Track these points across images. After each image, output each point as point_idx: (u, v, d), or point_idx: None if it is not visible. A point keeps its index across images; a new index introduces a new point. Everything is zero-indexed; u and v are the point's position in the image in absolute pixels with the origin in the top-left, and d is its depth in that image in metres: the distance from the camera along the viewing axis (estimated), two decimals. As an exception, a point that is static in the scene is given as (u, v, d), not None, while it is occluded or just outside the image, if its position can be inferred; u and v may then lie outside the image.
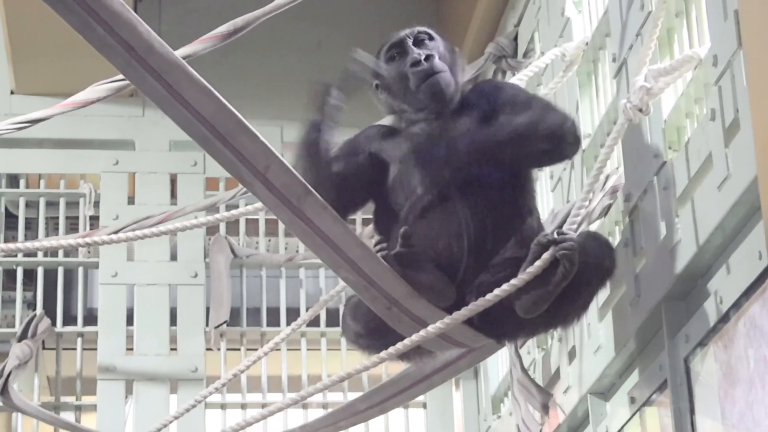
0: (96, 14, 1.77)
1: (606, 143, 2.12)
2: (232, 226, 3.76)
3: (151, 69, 1.82)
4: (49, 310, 3.44)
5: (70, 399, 3.62)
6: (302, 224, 1.94)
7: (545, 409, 2.44)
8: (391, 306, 2.02)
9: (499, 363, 3.46)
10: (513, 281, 1.97)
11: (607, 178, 2.49)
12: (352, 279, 1.99)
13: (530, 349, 2.99)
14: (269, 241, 3.93)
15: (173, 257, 3.69)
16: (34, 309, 3.58)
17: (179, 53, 2.37)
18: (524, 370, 2.51)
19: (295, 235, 1.98)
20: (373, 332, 2.11)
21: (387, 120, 2.21)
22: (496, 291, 1.97)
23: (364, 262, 1.99)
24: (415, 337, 1.98)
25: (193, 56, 2.38)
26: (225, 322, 3.55)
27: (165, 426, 2.72)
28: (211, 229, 3.63)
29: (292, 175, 1.93)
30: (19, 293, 3.71)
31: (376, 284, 2.01)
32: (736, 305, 2.01)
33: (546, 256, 1.97)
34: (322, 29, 3.99)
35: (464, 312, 1.98)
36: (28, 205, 3.80)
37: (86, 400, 3.62)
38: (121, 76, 2.33)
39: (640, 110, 2.08)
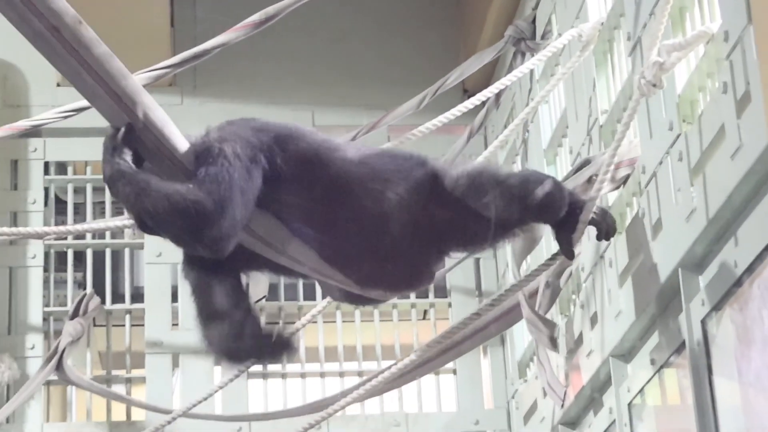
0: (87, 64, 1.78)
1: (623, 119, 2.13)
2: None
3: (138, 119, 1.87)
4: (99, 289, 3.51)
5: (120, 372, 3.73)
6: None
7: (553, 342, 2.41)
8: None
9: (524, 330, 3.55)
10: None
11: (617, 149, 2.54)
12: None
13: (553, 316, 3.02)
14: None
15: (214, 236, 3.80)
16: (85, 289, 3.65)
17: (214, 42, 2.43)
18: (531, 307, 2.45)
19: None
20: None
21: None
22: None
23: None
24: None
25: (227, 44, 2.41)
26: (264, 297, 3.65)
27: (211, 395, 2.82)
28: (249, 209, 3.71)
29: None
30: (70, 274, 3.80)
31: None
32: (750, 269, 2.03)
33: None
34: (351, 16, 4.07)
35: None
36: (75, 191, 3.90)
37: (135, 373, 3.72)
38: (160, 65, 2.40)
39: (654, 85, 2.08)
